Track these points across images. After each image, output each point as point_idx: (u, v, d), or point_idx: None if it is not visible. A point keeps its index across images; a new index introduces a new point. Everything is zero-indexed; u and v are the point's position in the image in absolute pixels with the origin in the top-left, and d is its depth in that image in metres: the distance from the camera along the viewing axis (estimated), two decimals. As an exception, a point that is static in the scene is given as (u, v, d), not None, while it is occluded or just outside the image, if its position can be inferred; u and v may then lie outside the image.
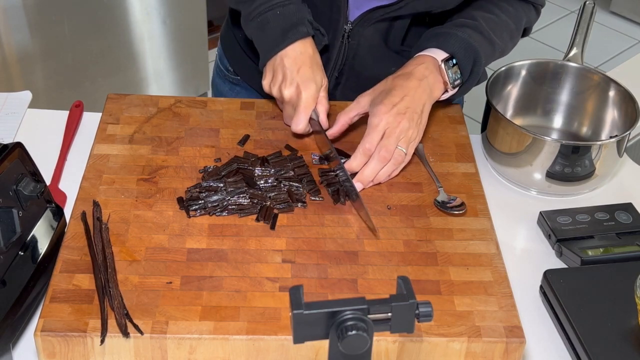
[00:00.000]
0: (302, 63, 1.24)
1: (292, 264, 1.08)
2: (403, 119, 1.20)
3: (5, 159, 1.04)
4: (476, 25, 1.30)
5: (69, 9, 2.54)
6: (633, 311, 1.06)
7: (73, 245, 1.08)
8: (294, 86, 1.24)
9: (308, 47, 1.26)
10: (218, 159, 1.24)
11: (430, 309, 0.81)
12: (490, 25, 1.32)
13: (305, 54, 1.25)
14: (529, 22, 1.39)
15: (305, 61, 1.25)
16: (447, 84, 1.28)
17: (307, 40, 1.26)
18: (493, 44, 1.31)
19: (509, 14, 1.35)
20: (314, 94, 1.24)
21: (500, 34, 1.33)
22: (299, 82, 1.23)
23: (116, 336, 0.97)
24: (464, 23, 1.31)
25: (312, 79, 1.24)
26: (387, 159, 1.20)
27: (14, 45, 2.47)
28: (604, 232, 1.22)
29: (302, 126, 1.24)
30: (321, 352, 0.98)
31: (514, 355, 1.00)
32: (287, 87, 1.24)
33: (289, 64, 1.24)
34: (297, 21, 1.26)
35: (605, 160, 1.30)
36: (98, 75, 2.73)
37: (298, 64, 1.24)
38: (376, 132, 1.20)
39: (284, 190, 1.18)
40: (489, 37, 1.30)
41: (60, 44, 2.58)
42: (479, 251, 1.11)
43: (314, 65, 1.25)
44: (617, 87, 1.38)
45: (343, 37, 1.36)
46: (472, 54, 1.28)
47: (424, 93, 1.24)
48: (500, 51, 1.35)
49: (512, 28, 1.36)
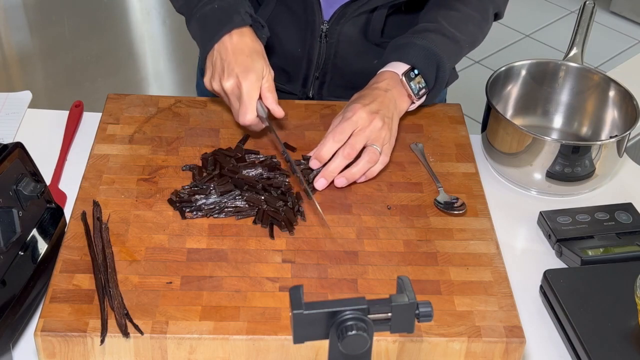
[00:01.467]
0: (240, 52, 1.20)
1: (292, 264, 1.08)
2: (375, 118, 1.20)
3: (5, 159, 1.04)
4: (437, 27, 1.29)
5: (69, 9, 2.54)
6: (633, 311, 1.06)
7: (73, 245, 1.08)
8: (233, 77, 1.19)
9: (245, 38, 1.21)
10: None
11: (430, 309, 0.81)
12: (452, 22, 1.31)
13: (241, 42, 1.20)
14: (496, 7, 1.37)
15: (242, 49, 1.20)
16: (411, 96, 1.27)
17: (244, 30, 1.22)
18: (458, 41, 1.30)
19: (472, 6, 1.34)
20: (254, 83, 1.18)
21: (465, 29, 1.32)
22: (237, 73, 1.18)
23: (116, 336, 0.97)
24: (425, 28, 1.30)
25: (251, 68, 1.19)
26: (351, 156, 1.18)
27: (14, 45, 2.47)
28: (604, 232, 1.22)
29: (249, 117, 1.19)
30: (321, 352, 0.98)
31: (514, 355, 1.00)
32: (226, 80, 1.19)
33: (225, 55, 1.20)
34: (233, 11, 1.22)
35: (605, 160, 1.30)
36: (98, 75, 2.73)
37: (235, 55, 1.19)
38: (348, 122, 1.19)
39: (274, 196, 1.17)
40: (452, 36, 1.29)
41: (60, 44, 2.58)
42: (479, 251, 1.11)
43: (253, 54, 1.20)
44: (617, 87, 1.38)
45: (321, 37, 1.35)
46: (434, 60, 1.27)
47: (391, 103, 1.24)
48: (469, 45, 1.34)
49: (478, 19, 1.34)
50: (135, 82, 2.85)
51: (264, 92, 1.21)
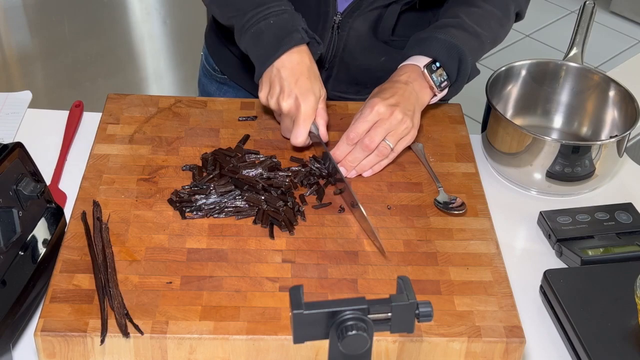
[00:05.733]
0: (300, 74, 1.21)
1: (292, 264, 1.08)
2: (396, 110, 1.20)
3: (5, 159, 1.04)
4: (458, 22, 1.30)
5: (69, 9, 2.54)
6: (633, 311, 1.06)
7: (73, 245, 1.08)
8: (292, 98, 1.20)
9: (305, 57, 1.22)
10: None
11: (430, 309, 0.81)
12: (473, 18, 1.31)
13: (302, 64, 1.22)
14: (518, 6, 1.38)
15: (303, 72, 1.21)
16: (433, 88, 1.27)
17: (302, 48, 1.23)
18: (479, 36, 1.30)
19: (494, 3, 1.34)
20: (313, 106, 1.21)
21: (486, 25, 1.32)
22: (297, 94, 1.20)
23: (116, 336, 0.97)
24: (446, 23, 1.30)
25: (310, 90, 1.20)
26: (370, 148, 1.20)
27: (14, 45, 2.47)
28: (604, 232, 1.22)
29: (301, 139, 1.21)
30: (321, 352, 0.98)
31: (514, 355, 1.00)
32: (285, 99, 1.21)
33: (286, 75, 1.21)
34: (292, 28, 1.22)
35: (605, 160, 1.30)
36: (98, 75, 2.73)
37: (296, 75, 1.21)
38: (365, 122, 1.20)
39: (274, 196, 1.17)
40: (473, 32, 1.30)
41: (60, 44, 2.58)
42: (479, 251, 1.11)
43: (311, 76, 1.22)
44: (617, 87, 1.38)
45: (333, 28, 1.35)
46: (456, 54, 1.27)
47: (411, 96, 1.24)
48: (491, 41, 1.34)
49: (499, 16, 1.34)
50: (135, 82, 2.85)
51: (318, 117, 1.23)
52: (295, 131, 1.21)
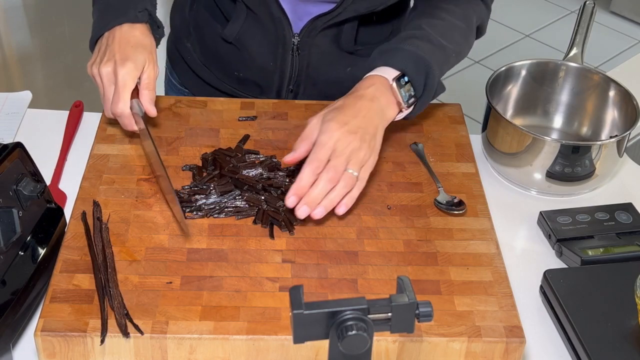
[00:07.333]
0: (125, 42, 1.19)
1: (292, 264, 1.08)
2: (354, 139, 1.10)
3: (5, 159, 1.04)
4: (423, 34, 1.23)
5: (69, 9, 2.54)
6: (633, 311, 1.06)
7: (73, 245, 1.08)
8: (111, 63, 1.17)
9: (136, 30, 1.21)
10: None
11: (430, 309, 0.81)
12: (437, 30, 1.25)
13: (129, 34, 1.20)
14: (479, 18, 1.32)
15: (129, 40, 1.19)
16: (400, 104, 1.19)
17: (138, 25, 1.22)
18: (444, 49, 1.24)
19: (456, 15, 1.29)
20: (131, 72, 1.17)
21: (450, 37, 1.26)
22: (117, 59, 1.17)
23: (116, 336, 0.97)
24: (410, 35, 1.23)
25: (131, 57, 1.17)
26: (335, 179, 1.09)
27: (14, 45, 2.47)
28: (604, 232, 1.22)
29: (120, 105, 1.16)
30: (321, 352, 0.98)
31: (514, 355, 1.00)
32: (104, 64, 1.18)
33: (111, 42, 1.19)
34: (132, 6, 1.23)
35: (605, 160, 1.30)
36: (98, 75, 2.73)
37: (120, 43, 1.19)
38: (324, 149, 1.09)
39: (274, 196, 1.17)
40: (438, 44, 1.23)
41: (60, 44, 2.58)
42: (479, 251, 1.12)
43: (138, 46, 1.19)
44: (617, 87, 1.38)
45: (293, 50, 1.35)
46: (423, 67, 1.20)
47: (375, 115, 1.15)
48: (456, 54, 1.28)
49: (462, 27, 1.29)
50: (135, 82, 2.85)
51: (141, 88, 1.20)
52: (114, 97, 1.17)
